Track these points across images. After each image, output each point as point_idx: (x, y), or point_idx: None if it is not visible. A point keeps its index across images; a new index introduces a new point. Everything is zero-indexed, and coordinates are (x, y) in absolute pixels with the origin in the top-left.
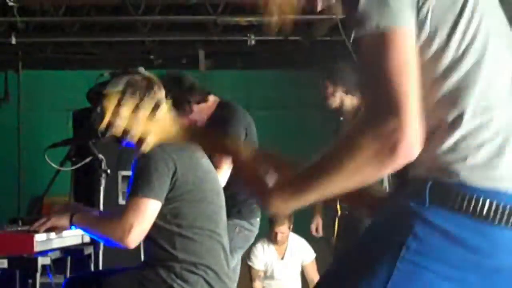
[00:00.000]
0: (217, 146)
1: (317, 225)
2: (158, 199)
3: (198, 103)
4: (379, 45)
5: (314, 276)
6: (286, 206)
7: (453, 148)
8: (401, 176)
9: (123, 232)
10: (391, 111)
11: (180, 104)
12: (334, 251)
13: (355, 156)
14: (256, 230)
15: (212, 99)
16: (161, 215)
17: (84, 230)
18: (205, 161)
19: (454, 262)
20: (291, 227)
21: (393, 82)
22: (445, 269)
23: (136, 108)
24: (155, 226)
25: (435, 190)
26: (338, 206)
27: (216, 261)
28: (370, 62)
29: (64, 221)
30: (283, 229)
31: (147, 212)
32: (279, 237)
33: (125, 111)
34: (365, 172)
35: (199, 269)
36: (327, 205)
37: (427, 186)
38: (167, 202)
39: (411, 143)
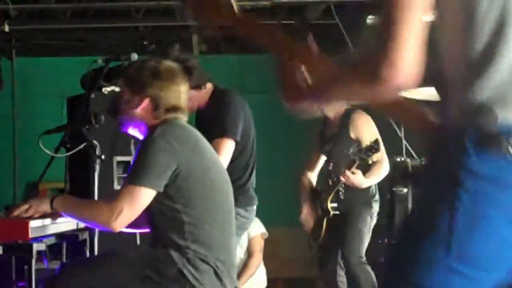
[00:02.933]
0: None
1: (306, 215)
2: (153, 189)
3: (194, 88)
4: None
5: (254, 249)
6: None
7: (489, 89)
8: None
9: (111, 214)
10: (384, 47)
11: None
12: (319, 248)
13: (351, 83)
14: (252, 218)
15: (209, 86)
16: (171, 206)
17: (66, 213)
18: (210, 150)
19: (508, 206)
20: None
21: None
22: (502, 214)
23: None
24: (166, 219)
25: (475, 136)
26: (329, 207)
27: (227, 255)
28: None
29: (44, 206)
30: None
31: (141, 200)
32: None
33: None
34: (362, 94)
35: (210, 260)
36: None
37: (466, 134)
38: (174, 193)
39: (397, 71)
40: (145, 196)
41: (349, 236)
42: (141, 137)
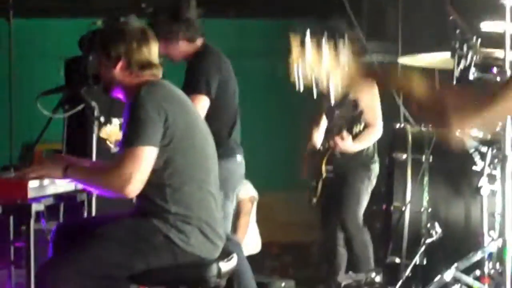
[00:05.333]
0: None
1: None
2: (154, 145)
3: (187, 40)
4: None
5: (241, 211)
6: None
7: None
8: None
9: (123, 182)
10: None
11: (168, 32)
12: (315, 210)
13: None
14: (238, 170)
15: (200, 42)
16: (152, 167)
17: (79, 182)
18: (192, 107)
19: None
20: None
21: None
22: None
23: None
24: (148, 182)
25: None
26: (324, 169)
27: (207, 212)
28: None
29: (57, 173)
30: None
31: (145, 160)
32: None
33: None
34: None
35: (193, 220)
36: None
37: None
38: (158, 152)
39: None
40: (148, 154)
41: (346, 197)
42: (124, 99)
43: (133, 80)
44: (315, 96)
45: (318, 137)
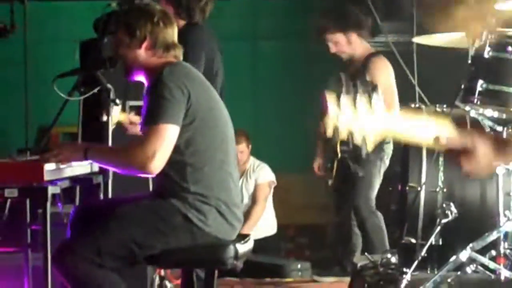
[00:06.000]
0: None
1: (319, 165)
2: (177, 124)
3: (179, 16)
4: None
5: (258, 197)
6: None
7: None
8: None
9: (146, 158)
10: None
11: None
12: (330, 191)
13: None
14: None
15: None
16: (174, 146)
17: (100, 162)
18: (214, 91)
19: None
20: (250, 147)
21: None
22: None
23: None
24: (169, 161)
25: None
26: (338, 149)
27: (226, 193)
28: None
29: (77, 154)
30: (241, 148)
31: (168, 138)
32: (239, 156)
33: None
34: None
35: (211, 200)
36: (328, 148)
37: None
38: (180, 131)
39: None
40: (171, 132)
41: (358, 179)
42: (145, 81)
43: (156, 60)
44: None
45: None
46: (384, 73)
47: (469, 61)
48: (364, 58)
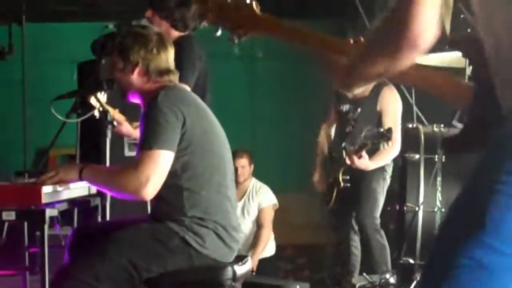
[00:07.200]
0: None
1: (319, 179)
2: (171, 150)
3: (174, 26)
4: None
5: (264, 221)
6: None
7: None
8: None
9: (140, 184)
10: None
11: (167, 10)
12: (327, 213)
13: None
14: None
15: (186, 33)
16: (170, 170)
17: (95, 184)
18: (210, 113)
19: None
20: (252, 167)
21: None
22: None
23: None
24: (165, 184)
25: None
26: (341, 179)
27: (224, 215)
28: None
29: (73, 175)
30: (243, 162)
31: (162, 164)
32: (240, 171)
33: None
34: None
35: (209, 223)
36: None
37: None
38: (176, 155)
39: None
40: (165, 158)
41: (363, 198)
42: (141, 104)
43: (151, 85)
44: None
45: (326, 139)
46: (394, 104)
47: (466, 80)
48: (374, 84)
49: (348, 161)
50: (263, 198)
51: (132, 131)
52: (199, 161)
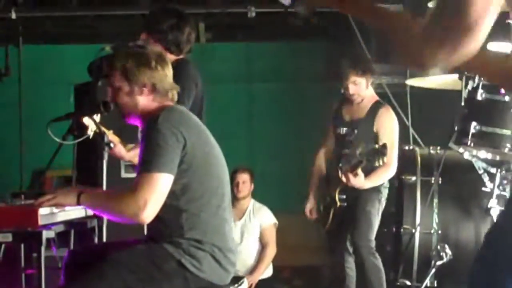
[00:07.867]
0: None
1: (310, 208)
2: (170, 173)
3: (168, 49)
4: None
5: (269, 239)
6: None
7: None
8: None
9: (138, 208)
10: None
11: (159, 30)
12: (324, 234)
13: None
14: None
15: (180, 57)
16: (170, 192)
17: (93, 208)
18: (210, 135)
19: None
20: (252, 186)
21: None
22: None
23: None
24: (164, 205)
25: None
26: (337, 199)
27: (220, 237)
28: None
29: (71, 200)
30: (244, 178)
31: (161, 187)
32: (240, 186)
33: None
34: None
35: (206, 246)
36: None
37: None
38: (176, 177)
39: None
40: (164, 182)
41: (358, 220)
42: (140, 125)
43: (154, 105)
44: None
45: (323, 161)
46: (391, 125)
47: (462, 103)
48: (371, 104)
49: (344, 179)
50: (264, 218)
51: (124, 153)
52: (199, 183)
